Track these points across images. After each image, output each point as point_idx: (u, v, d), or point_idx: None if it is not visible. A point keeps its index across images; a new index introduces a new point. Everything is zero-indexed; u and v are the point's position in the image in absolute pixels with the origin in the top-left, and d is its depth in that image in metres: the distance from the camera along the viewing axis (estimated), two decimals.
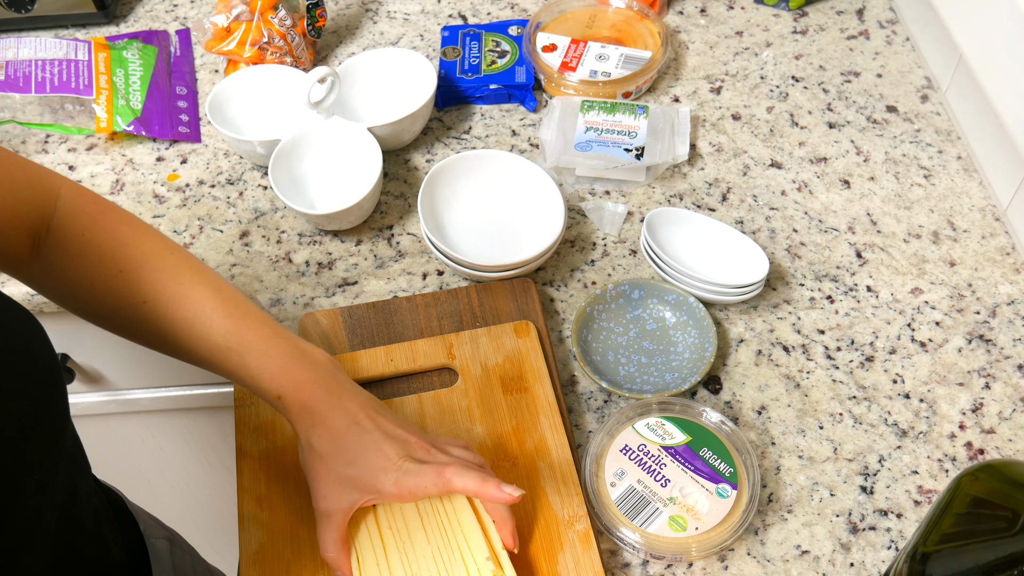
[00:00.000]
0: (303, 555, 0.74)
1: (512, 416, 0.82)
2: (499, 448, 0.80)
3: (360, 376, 0.85)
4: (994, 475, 0.62)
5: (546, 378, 0.84)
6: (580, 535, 0.75)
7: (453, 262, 0.93)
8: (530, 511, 0.76)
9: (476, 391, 0.84)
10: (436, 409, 0.82)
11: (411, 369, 0.86)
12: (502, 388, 0.83)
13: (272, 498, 0.77)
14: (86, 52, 1.13)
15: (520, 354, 0.86)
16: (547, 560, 0.74)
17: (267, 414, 0.82)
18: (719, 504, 0.77)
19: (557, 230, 0.93)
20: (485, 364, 0.85)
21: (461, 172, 0.99)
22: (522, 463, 0.79)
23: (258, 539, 0.75)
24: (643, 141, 1.03)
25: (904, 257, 0.97)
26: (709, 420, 0.82)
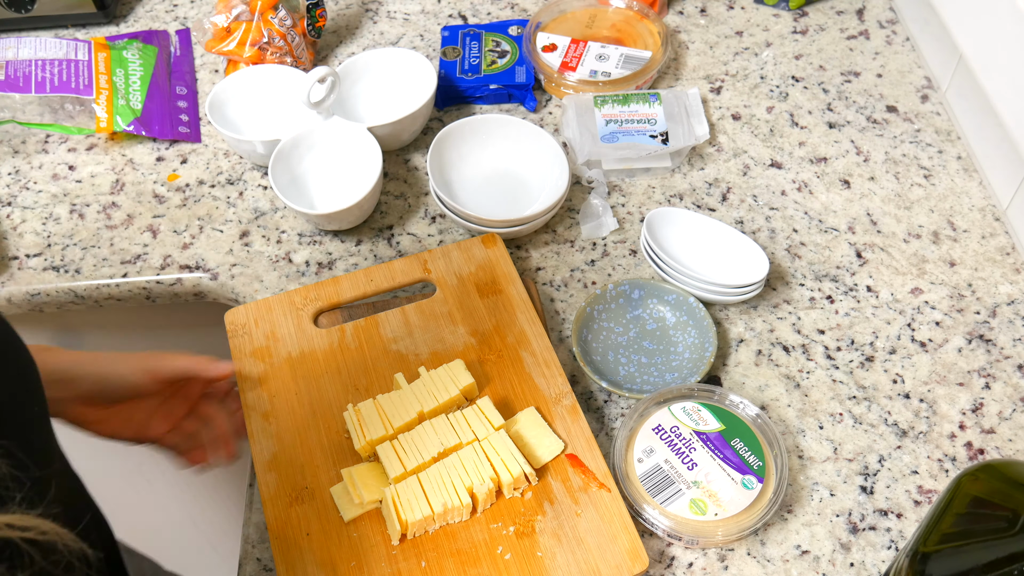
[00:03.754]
0: (314, 456, 0.80)
1: (491, 316, 0.88)
2: (484, 344, 0.86)
3: (343, 298, 0.90)
4: (994, 475, 0.62)
5: (517, 280, 0.90)
6: (568, 408, 0.82)
7: (462, 218, 0.96)
8: (520, 394, 0.83)
9: (455, 298, 0.90)
10: (420, 317, 0.89)
11: (391, 286, 0.91)
12: (478, 293, 0.90)
13: (277, 412, 0.83)
14: (86, 52, 1.13)
15: (491, 261, 0.92)
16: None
17: (260, 340, 0.87)
18: (742, 495, 0.77)
19: (562, 189, 0.97)
20: (459, 274, 0.91)
21: (469, 134, 1.03)
22: (506, 355, 0.86)
23: (269, 449, 0.81)
24: (665, 127, 1.03)
25: (904, 257, 0.97)
26: (746, 413, 0.83)
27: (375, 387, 0.84)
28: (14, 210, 1.06)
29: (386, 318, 0.89)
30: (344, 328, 0.88)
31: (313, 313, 0.89)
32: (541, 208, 0.96)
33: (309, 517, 0.77)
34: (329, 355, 0.86)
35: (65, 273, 1.00)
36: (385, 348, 0.87)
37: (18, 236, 1.03)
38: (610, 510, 0.76)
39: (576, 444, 0.80)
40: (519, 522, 0.76)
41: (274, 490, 0.78)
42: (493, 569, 0.74)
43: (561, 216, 1.02)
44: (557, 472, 0.78)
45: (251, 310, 0.89)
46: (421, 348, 0.87)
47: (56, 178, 1.08)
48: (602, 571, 0.73)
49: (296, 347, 0.87)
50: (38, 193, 1.07)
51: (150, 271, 1.00)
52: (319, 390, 0.84)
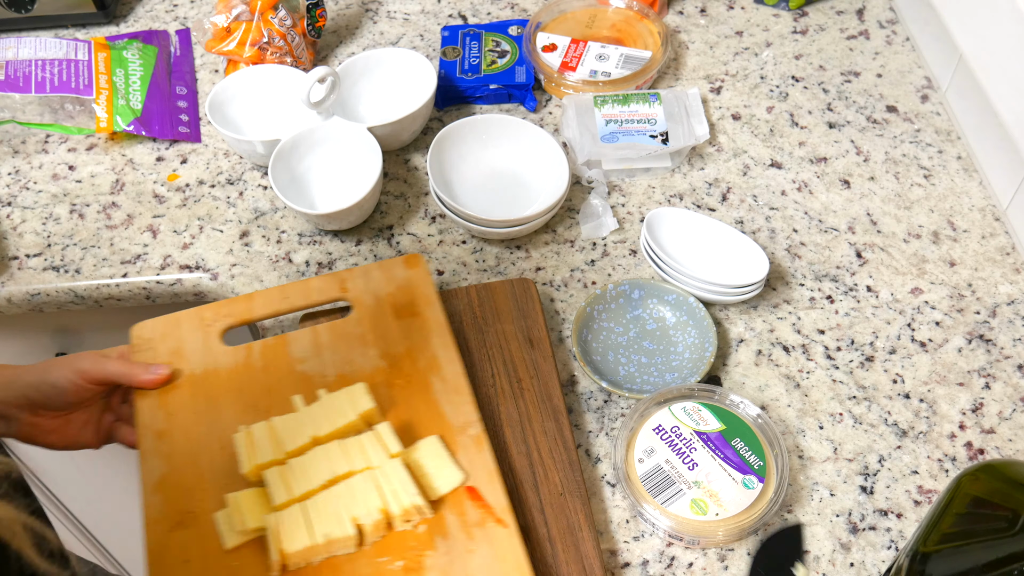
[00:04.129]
0: (204, 479, 0.77)
1: (405, 339, 0.85)
2: (394, 368, 0.83)
3: (255, 315, 0.87)
4: (994, 475, 0.62)
5: (436, 303, 0.87)
6: (473, 439, 0.79)
7: (462, 218, 0.96)
8: (425, 421, 0.80)
9: (370, 319, 0.87)
10: (331, 337, 0.86)
11: (305, 304, 0.88)
12: (394, 315, 0.87)
13: (172, 432, 0.80)
14: (86, 52, 1.13)
15: (411, 283, 0.89)
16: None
17: (163, 356, 0.84)
18: (743, 495, 0.77)
19: (562, 189, 0.96)
20: (377, 295, 0.88)
21: (469, 134, 1.03)
22: (416, 380, 0.82)
23: (159, 470, 0.77)
24: (665, 127, 1.04)
25: (904, 257, 0.97)
26: (746, 413, 0.83)
27: (276, 409, 0.80)
28: (14, 210, 1.06)
29: (296, 337, 0.85)
30: (252, 346, 0.85)
31: (222, 330, 0.86)
32: (541, 208, 0.96)
33: (190, 543, 0.73)
34: (233, 374, 0.83)
35: (65, 273, 1.00)
36: (291, 368, 0.83)
37: (18, 236, 1.03)
38: (504, 549, 0.72)
39: (477, 476, 0.76)
40: (408, 557, 0.72)
41: (158, 513, 0.75)
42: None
43: (561, 216, 1.02)
44: (454, 505, 0.75)
45: (159, 325, 0.86)
46: (328, 370, 0.83)
47: (56, 178, 1.08)
48: None
49: (200, 364, 0.84)
50: (38, 193, 1.07)
51: (150, 271, 1.00)
52: (218, 410, 0.81)
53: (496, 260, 0.99)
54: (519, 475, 0.81)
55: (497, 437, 0.83)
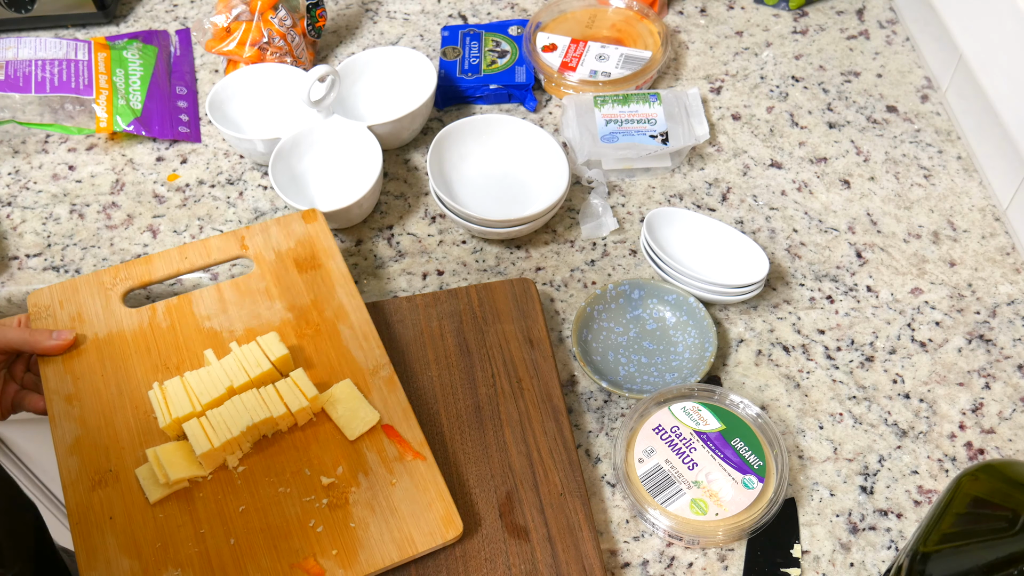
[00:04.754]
0: (120, 438, 0.79)
1: (309, 290, 0.87)
2: (301, 319, 0.86)
3: (155, 277, 0.89)
4: (994, 475, 0.62)
5: (337, 255, 0.89)
6: (385, 380, 0.82)
7: (462, 218, 0.96)
8: (337, 367, 0.83)
9: (272, 274, 0.89)
10: (235, 294, 0.88)
11: (205, 263, 0.90)
12: (297, 268, 0.89)
13: (81, 395, 0.81)
14: (86, 52, 1.13)
15: (310, 237, 0.91)
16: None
17: (65, 322, 0.85)
18: (743, 494, 0.77)
19: (562, 189, 0.96)
20: (278, 250, 0.90)
21: (469, 134, 1.03)
22: (324, 329, 0.85)
23: (72, 432, 0.79)
24: (665, 127, 1.04)
25: (904, 257, 0.97)
26: (746, 412, 0.83)
27: (186, 365, 0.83)
28: (14, 210, 1.06)
29: (200, 295, 0.87)
30: (155, 307, 0.86)
31: (123, 292, 0.87)
32: (541, 208, 0.96)
33: (113, 500, 0.75)
34: (139, 335, 0.84)
35: (65, 273, 1.00)
36: (198, 326, 0.85)
37: (18, 236, 1.03)
38: (425, 479, 0.76)
39: (393, 415, 0.80)
40: (332, 495, 0.76)
41: (76, 474, 0.76)
42: (304, 542, 0.73)
43: (561, 216, 1.02)
44: (372, 444, 0.78)
45: (56, 291, 0.87)
46: (236, 324, 0.85)
47: (56, 178, 1.08)
48: (415, 539, 0.74)
49: (104, 328, 0.85)
50: (38, 193, 1.07)
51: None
52: (127, 371, 0.82)
53: (496, 260, 0.99)
54: (519, 475, 0.81)
55: (497, 437, 0.83)
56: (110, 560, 0.72)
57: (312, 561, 0.72)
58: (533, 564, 0.76)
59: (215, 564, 0.73)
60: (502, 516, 0.78)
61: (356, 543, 0.73)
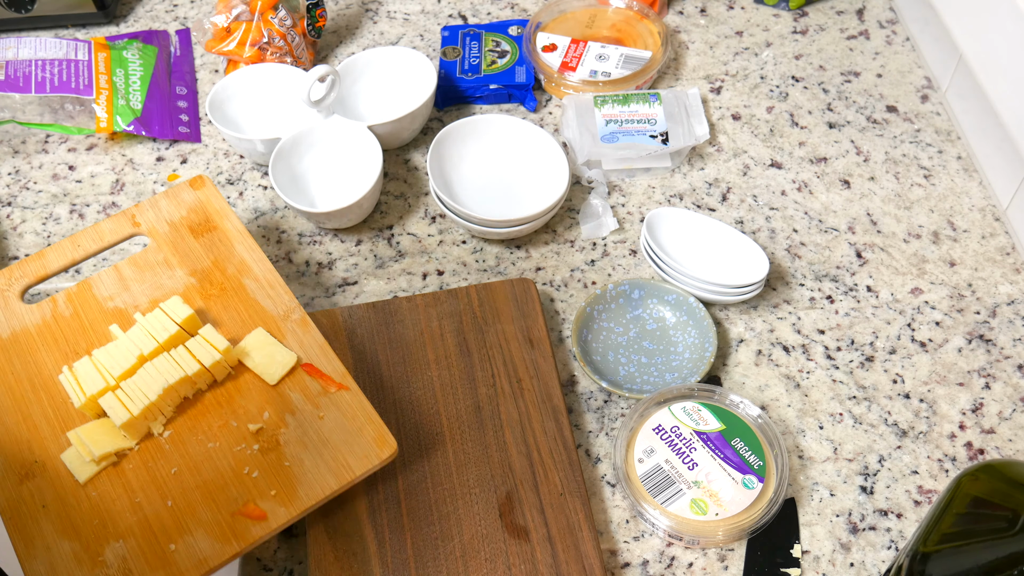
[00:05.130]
0: (40, 429, 0.79)
1: (208, 252, 0.88)
2: (204, 281, 0.87)
3: (51, 270, 0.88)
4: (994, 475, 0.62)
5: (231, 214, 0.90)
6: (298, 322, 0.83)
7: (462, 218, 0.96)
8: (248, 319, 0.84)
9: (169, 244, 0.89)
10: (134, 270, 0.88)
11: (100, 248, 0.90)
12: (192, 234, 0.89)
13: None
14: (86, 52, 1.13)
15: (201, 203, 0.91)
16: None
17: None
18: (743, 494, 0.77)
19: (562, 189, 0.96)
20: (171, 220, 0.90)
21: (469, 134, 1.03)
22: (229, 286, 0.86)
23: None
24: (665, 127, 1.04)
25: (904, 257, 0.97)
26: (746, 412, 0.83)
27: (96, 346, 0.83)
28: (14, 210, 1.06)
29: (99, 279, 0.88)
30: (56, 298, 0.87)
31: (20, 291, 0.87)
32: (541, 208, 0.96)
33: (43, 489, 0.76)
34: (43, 328, 0.85)
35: (65, 273, 1.00)
36: (102, 308, 0.86)
37: (18, 236, 1.03)
38: (352, 407, 0.77)
39: (311, 354, 0.81)
40: (263, 439, 0.77)
41: (1, 473, 0.77)
42: (242, 490, 0.74)
43: (561, 216, 1.02)
44: (295, 383, 0.79)
45: None
46: (140, 299, 0.86)
47: (56, 178, 1.08)
48: (351, 464, 0.75)
49: (6, 328, 0.85)
50: (38, 193, 1.07)
51: None
52: (36, 364, 0.83)
53: (496, 260, 0.99)
54: (519, 475, 0.81)
55: (497, 437, 0.83)
56: (49, 546, 0.73)
57: (252, 505, 0.73)
58: (533, 564, 0.76)
59: (156, 528, 0.73)
60: (502, 516, 0.79)
61: (293, 480, 0.74)
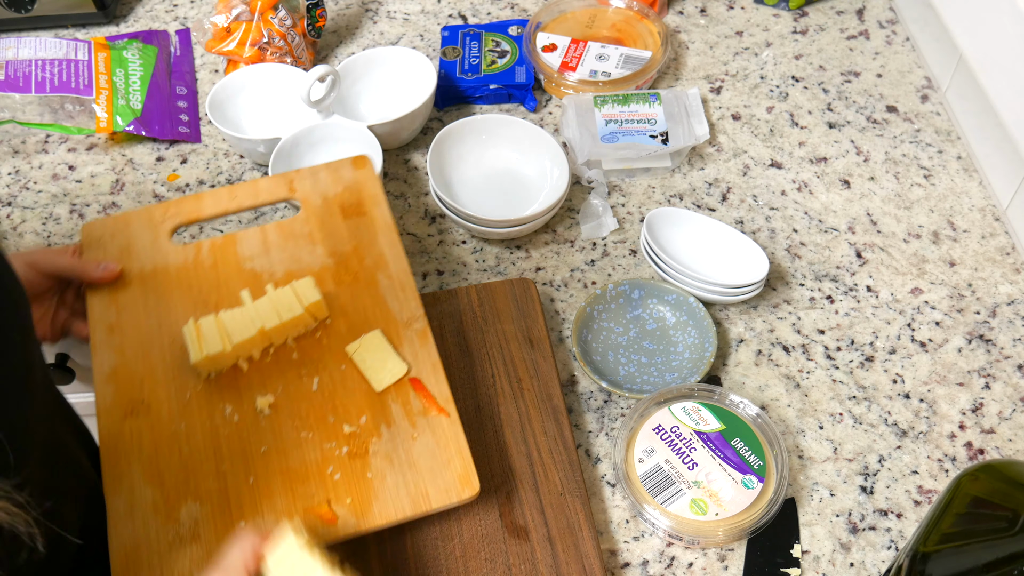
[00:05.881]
0: (155, 370, 0.80)
1: (352, 237, 0.87)
2: (341, 266, 0.85)
3: (204, 214, 0.89)
4: (994, 475, 0.62)
5: (383, 203, 0.89)
6: (418, 332, 0.81)
7: (462, 217, 0.96)
8: (371, 316, 0.82)
9: (317, 218, 0.88)
10: (279, 236, 0.88)
11: (253, 204, 0.90)
12: (342, 214, 0.89)
13: (123, 326, 0.82)
14: (86, 52, 1.13)
15: (358, 183, 0.91)
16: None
17: (114, 253, 0.86)
18: (743, 494, 0.77)
19: (562, 189, 0.97)
20: (325, 195, 0.90)
21: (469, 134, 1.03)
22: (362, 277, 0.85)
23: (111, 362, 0.80)
24: (665, 127, 1.04)
25: (904, 257, 0.97)
26: (746, 412, 0.83)
27: (224, 304, 0.83)
28: (14, 210, 1.06)
29: (245, 236, 0.88)
30: (201, 244, 0.87)
31: (171, 228, 0.88)
32: (541, 208, 0.96)
33: (142, 431, 0.76)
34: (182, 271, 0.85)
35: None
36: (240, 266, 0.86)
37: (18, 236, 1.03)
38: (447, 436, 0.76)
39: (422, 369, 0.79)
40: (353, 443, 0.76)
41: (110, 402, 0.78)
42: (320, 488, 0.74)
43: (561, 216, 1.02)
44: (399, 395, 0.78)
45: (108, 224, 0.88)
46: (276, 267, 0.86)
47: (56, 178, 1.08)
48: (431, 495, 0.73)
49: (150, 262, 0.86)
50: (38, 193, 1.07)
51: None
52: (167, 305, 0.83)
53: (496, 260, 0.99)
54: (519, 475, 0.81)
55: (497, 437, 0.83)
56: (134, 488, 0.74)
57: (326, 507, 0.73)
58: (533, 564, 0.76)
59: (232, 501, 0.73)
60: (502, 516, 0.79)
61: (371, 494, 0.73)
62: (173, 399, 0.78)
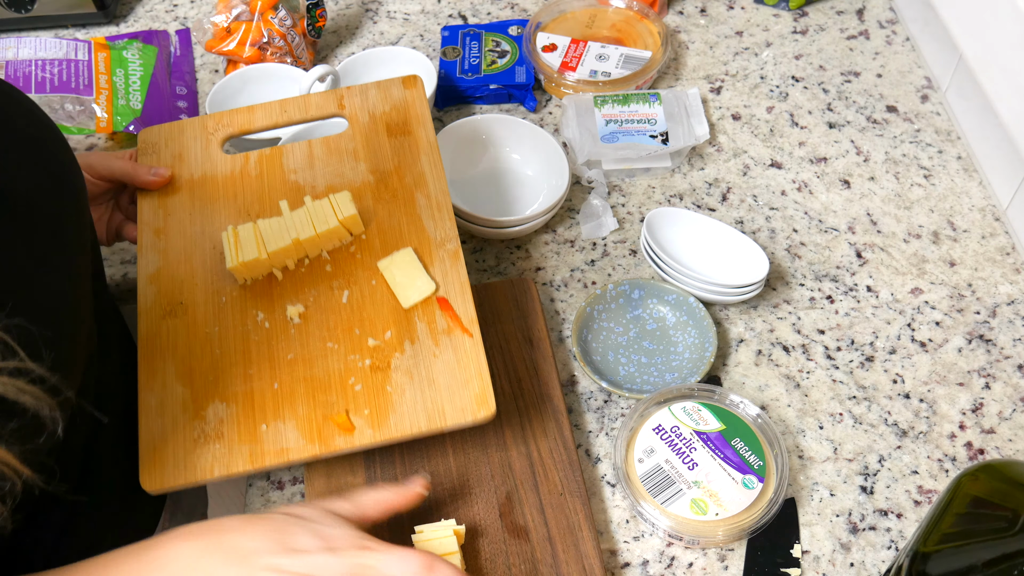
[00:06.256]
0: (195, 274, 0.82)
1: (395, 156, 0.88)
2: (381, 183, 0.86)
3: (256, 126, 0.91)
4: (994, 475, 0.62)
5: (429, 124, 0.89)
6: (450, 253, 0.82)
7: (462, 217, 0.96)
8: (405, 234, 0.83)
9: (362, 135, 0.90)
10: (324, 151, 0.89)
11: (303, 118, 0.92)
12: (387, 132, 0.89)
13: (168, 230, 0.85)
14: (86, 52, 1.13)
15: (406, 103, 0.91)
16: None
17: (167, 159, 0.89)
18: (743, 494, 0.77)
19: (562, 189, 0.97)
20: (373, 112, 0.91)
21: (469, 134, 1.03)
22: (401, 195, 0.85)
23: (155, 263, 0.83)
24: (665, 127, 1.04)
25: (904, 257, 0.97)
26: (746, 412, 0.82)
27: (265, 214, 0.85)
28: None
29: (291, 149, 0.89)
30: (249, 156, 0.89)
31: (223, 139, 0.90)
32: (541, 208, 0.96)
33: (178, 331, 0.79)
34: (229, 180, 0.87)
35: None
36: (284, 178, 0.87)
37: None
38: (468, 356, 0.76)
39: (450, 288, 0.80)
40: (376, 357, 0.77)
41: (151, 302, 0.80)
42: (341, 397, 0.75)
43: (561, 216, 1.02)
44: (425, 313, 0.78)
45: (164, 131, 0.91)
46: (319, 180, 0.87)
47: None
48: (447, 412, 0.74)
49: (199, 169, 0.88)
50: None
51: None
52: (212, 212, 0.85)
53: (496, 260, 0.99)
54: (519, 475, 0.81)
55: (497, 437, 0.83)
56: (166, 384, 0.76)
57: (344, 416, 0.74)
58: (533, 564, 0.76)
59: (257, 404, 0.75)
60: (502, 516, 0.79)
61: (389, 406, 0.74)
62: (210, 302, 0.80)
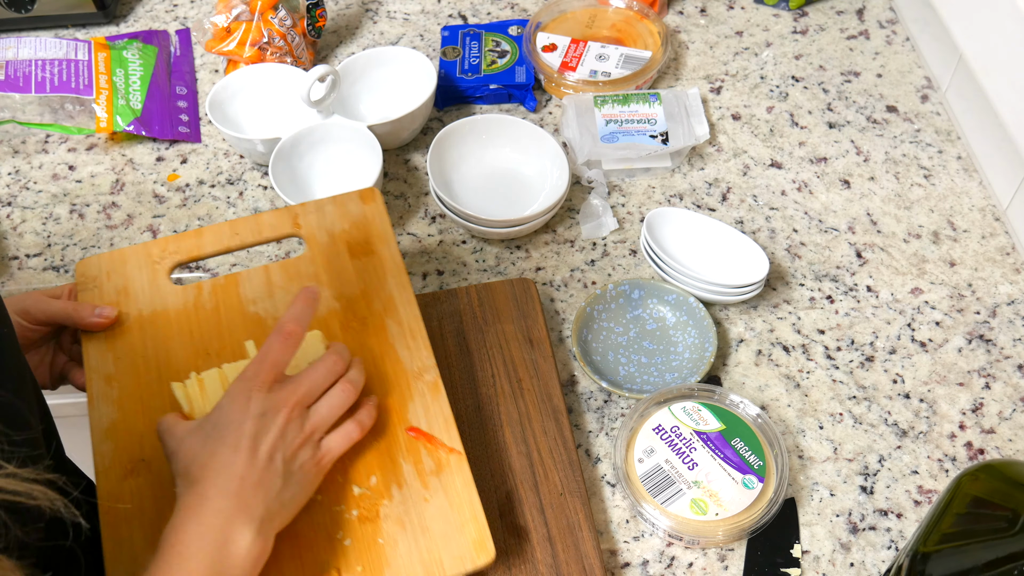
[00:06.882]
0: (155, 425, 0.73)
1: (360, 279, 0.82)
2: (348, 310, 0.81)
3: (205, 252, 0.84)
4: (994, 475, 0.62)
5: (392, 241, 0.84)
6: (430, 385, 0.76)
7: (462, 217, 0.96)
8: (380, 366, 0.77)
9: (323, 257, 0.83)
10: (283, 277, 0.83)
11: (256, 240, 0.85)
12: (349, 253, 0.84)
13: (120, 376, 0.77)
14: (86, 52, 1.13)
15: (366, 219, 0.85)
16: (397, 410, 0.75)
17: (111, 295, 0.81)
18: (743, 494, 0.77)
19: (562, 189, 0.97)
20: (331, 231, 0.85)
21: (469, 134, 1.03)
22: (371, 323, 0.80)
23: (109, 416, 0.75)
24: (665, 127, 1.04)
25: (904, 257, 0.97)
26: (746, 412, 0.83)
27: (227, 352, 0.78)
28: (14, 210, 1.06)
29: (248, 276, 0.83)
30: (201, 285, 0.82)
31: (170, 267, 0.83)
32: (541, 208, 0.96)
33: (143, 492, 0.71)
34: (183, 315, 0.80)
35: (65, 273, 1.00)
36: (243, 310, 0.81)
37: (18, 236, 1.03)
38: (461, 496, 0.71)
39: (434, 425, 0.74)
40: (363, 506, 0.71)
41: (109, 461, 0.73)
42: (330, 555, 0.69)
43: (561, 216, 1.02)
44: (410, 453, 0.73)
45: (104, 261, 0.83)
46: (281, 311, 0.80)
47: (56, 178, 1.08)
48: (444, 562, 0.69)
49: (148, 304, 0.80)
50: (38, 193, 1.07)
51: None
52: (167, 353, 0.78)
53: (496, 260, 0.99)
54: (519, 475, 0.81)
55: (497, 437, 0.83)
56: (136, 556, 0.69)
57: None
58: (533, 564, 0.76)
59: None
60: (502, 516, 0.79)
61: (383, 561, 0.69)
62: None
